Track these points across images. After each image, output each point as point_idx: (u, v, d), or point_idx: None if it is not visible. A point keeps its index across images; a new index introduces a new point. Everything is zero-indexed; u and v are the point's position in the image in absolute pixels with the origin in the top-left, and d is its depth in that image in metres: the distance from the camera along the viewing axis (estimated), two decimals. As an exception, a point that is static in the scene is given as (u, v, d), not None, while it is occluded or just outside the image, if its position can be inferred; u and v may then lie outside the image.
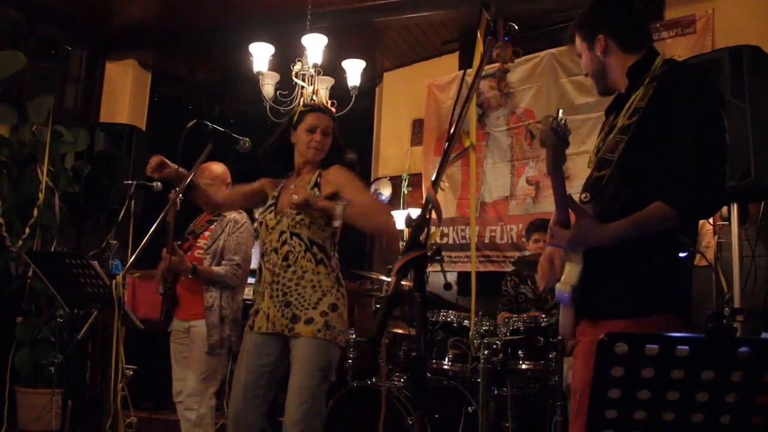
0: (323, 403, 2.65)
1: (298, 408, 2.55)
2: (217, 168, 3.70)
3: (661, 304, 1.81)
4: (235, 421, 2.66)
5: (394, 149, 6.73)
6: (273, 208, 2.81)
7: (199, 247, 3.62)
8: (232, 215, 3.65)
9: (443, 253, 6.11)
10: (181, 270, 3.40)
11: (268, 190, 2.94)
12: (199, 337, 3.47)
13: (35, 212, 5.10)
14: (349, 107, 4.87)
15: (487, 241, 5.70)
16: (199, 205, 3.07)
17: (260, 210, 2.88)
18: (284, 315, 2.66)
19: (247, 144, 2.88)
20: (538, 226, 4.38)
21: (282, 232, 2.72)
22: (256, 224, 2.89)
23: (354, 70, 4.97)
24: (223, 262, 3.55)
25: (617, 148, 1.83)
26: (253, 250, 3.72)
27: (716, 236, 4.31)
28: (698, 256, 4.32)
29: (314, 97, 4.78)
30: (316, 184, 2.77)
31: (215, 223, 3.64)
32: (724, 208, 4.05)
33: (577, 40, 2.09)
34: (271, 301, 2.70)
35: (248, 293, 3.83)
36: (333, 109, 4.81)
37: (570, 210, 1.79)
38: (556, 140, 1.63)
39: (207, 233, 3.63)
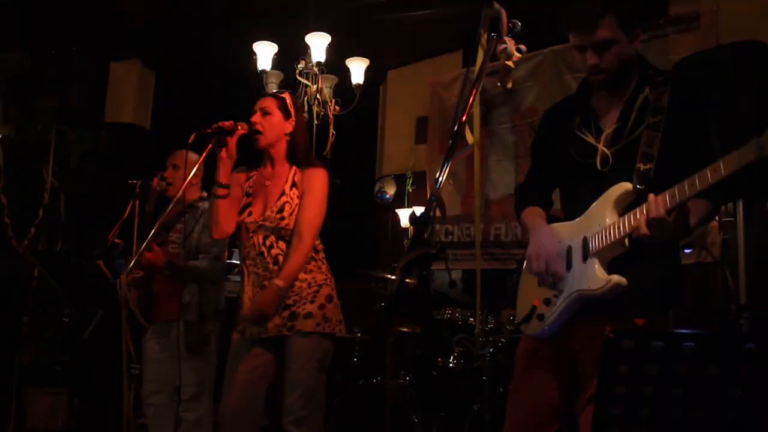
0: (323, 393, 2.65)
1: (298, 400, 2.56)
2: (191, 156, 3.41)
3: (673, 302, 1.97)
4: (231, 423, 2.64)
5: (398, 147, 6.72)
6: (250, 209, 2.75)
7: (173, 242, 3.49)
8: (205, 205, 3.47)
9: (448, 251, 6.12)
10: (156, 267, 3.28)
11: (240, 184, 2.84)
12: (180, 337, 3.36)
13: (41, 212, 5.12)
14: (353, 106, 4.87)
15: (491, 238, 5.69)
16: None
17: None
18: (281, 317, 2.63)
19: (246, 128, 2.72)
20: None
21: (267, 236, 2.69)
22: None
23: (358, 68, 4.97)
24: (200, 256, 3.44)
25: (653, 143, 1.89)
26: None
27: (722, 233, 4.29)
28: (703, 252, 4.33)
29: (318, 96, 4.78)
30: (294, 184, 2.72)
31: (187, 215, 3.49)
32: (730, 204, 4.04)
33: (610, 25, 1.89)
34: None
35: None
36: (336, 108, 4.85)
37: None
38: None
39: (179, 226, 3.48)
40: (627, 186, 1.89)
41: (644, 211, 1.75)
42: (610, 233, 1.85)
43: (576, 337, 1.97)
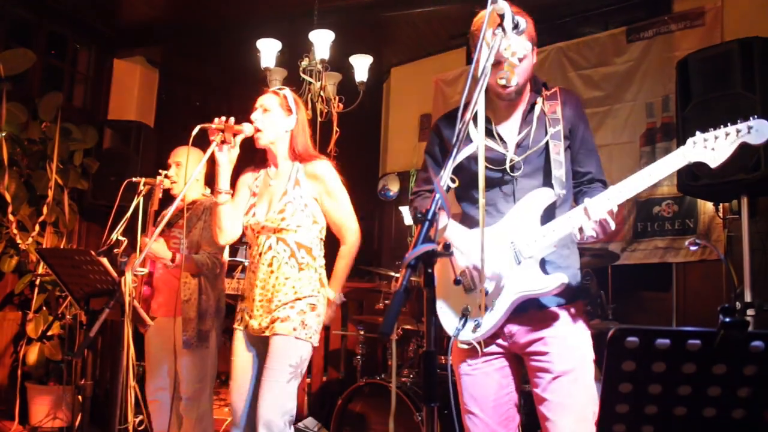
0: (294, 399, 2.63)
1: (267, 402, 2.56)
2: (193, 152, 3.49)
3: (584, 290, 2.25)
4: (239, 413, 2.68)
5: (401, 144, 6.72)
6: (254, 209, 2.77)
7: (175, 237, 3.50)
8: (207, 203, 3.51)
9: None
10: (160, 257, 3.29)
11: (249, 184, 2.87)
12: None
13: (45, 209, 5.13)
14: (356, 103, 4.86)
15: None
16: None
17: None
18: (265, 319, 2.67)
19: (251, 129, 2.74)
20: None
21: (268, 237, 2.70)
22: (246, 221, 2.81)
23: (361, 65, 4.96)
24: (201, 251, 3.45)
25: (559, 151, 2.06)
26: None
27: (726, 230, 4.29)
28: (708, 249, 4.31)
29: (321, 93, 4.77)
30: (299, 183, 2.72)
31: (189, 212, 3.51)
32: (734, 201, 4.03)
33: (529, 45, 2.03)
34: (254, 305, 2.70)
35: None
36: (340, 105, 4.85)
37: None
38: None
39: (181, 222, 3.48)
40: (547, 191, 2.03)
41: (587, 215, 1.89)
42: (547, 236, 1.98)
43: (513, 335, 2.08)
